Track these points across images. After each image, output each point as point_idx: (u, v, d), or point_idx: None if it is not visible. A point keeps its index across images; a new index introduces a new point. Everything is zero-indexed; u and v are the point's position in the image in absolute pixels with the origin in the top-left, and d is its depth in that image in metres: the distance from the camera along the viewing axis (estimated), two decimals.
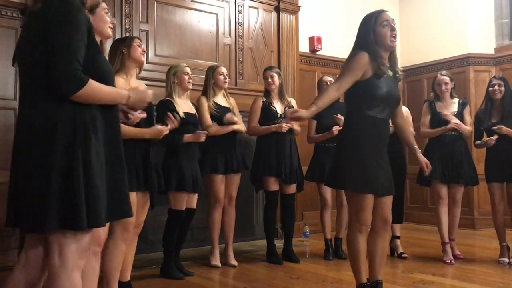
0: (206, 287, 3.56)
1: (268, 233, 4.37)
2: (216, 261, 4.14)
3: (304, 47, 6.13)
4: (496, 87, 4.22)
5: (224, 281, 3.80)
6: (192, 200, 3.82)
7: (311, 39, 6.22)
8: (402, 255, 4.43)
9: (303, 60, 6.09)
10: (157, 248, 4.61)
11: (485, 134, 4.26)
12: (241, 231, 5.28)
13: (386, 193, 2.73)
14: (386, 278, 2.97)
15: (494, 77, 4.49)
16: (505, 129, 4.05)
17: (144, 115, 2.13)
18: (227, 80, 4.21)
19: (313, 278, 3.75)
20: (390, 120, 2.86)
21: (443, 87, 4.34)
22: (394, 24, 2.73)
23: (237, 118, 4.18)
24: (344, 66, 2.76)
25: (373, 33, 2.70)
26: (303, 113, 2.57)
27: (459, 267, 4.08)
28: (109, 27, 2.35)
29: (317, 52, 6.26)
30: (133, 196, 2.85)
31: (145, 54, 3.22)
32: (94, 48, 1.76)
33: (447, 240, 4.27)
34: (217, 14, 5.21)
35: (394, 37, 2.70)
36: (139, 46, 3.03)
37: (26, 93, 1.76)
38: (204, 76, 4.25)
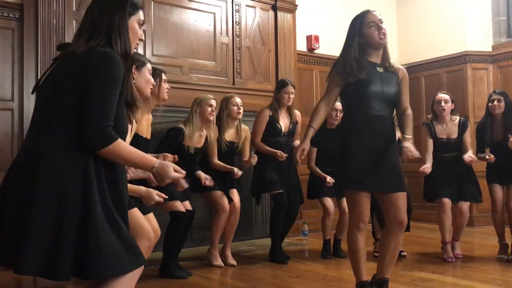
0: (205, 286, 3.55)
1: (274, 233, 4.33)
2: (218, 261, 4.13)
3: (301, 46, 6.12)
4: (495, 102, 4.18)
5: (223, 281, 3.80)
6: (185, 205, 3.79)
7: (309, 38, 6.21)
8: (401, 253, 4.41)
9: (300, 59, 6.07)
10: (156, 248, 4.58)
11: (487, 149, 4.25)
12: (240, 231, 5.27)
13: (380, 189, 2.71)
14: None
15: (494, 91, 4.40)
16: None
17: None
18: (241, 111, 4.18)
19: (313, 277, 3.75)
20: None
21: (443, 104, 4.21)
22: (382, 23, 2.73)
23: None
24: (328, 77, 2.87)
25: (359, 35, 2.73)
26: (305, 144, 2.71)
27: (458, 264, 4.08)
28: (150, 88, 2.58)
29: (315, 51, 6.25)
30: (137, 212, 2.80)
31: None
32: (119, 103, 1.74)
33: (447, 240, 4.26)
34: (214, 14, 5.20)
35: (383, 35, 2.71)
36: (164, 83, 3.14)
37: (41, 128, 1.69)
38: (201, 76, 4.24)
